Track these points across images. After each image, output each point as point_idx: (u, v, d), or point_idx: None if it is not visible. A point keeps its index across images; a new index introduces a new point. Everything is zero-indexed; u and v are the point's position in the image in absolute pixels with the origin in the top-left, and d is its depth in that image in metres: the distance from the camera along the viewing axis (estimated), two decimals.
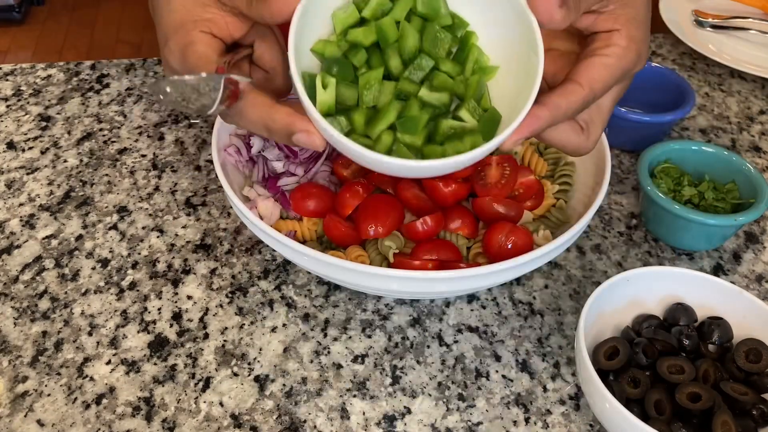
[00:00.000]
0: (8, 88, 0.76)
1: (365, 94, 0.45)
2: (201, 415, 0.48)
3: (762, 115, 0.80)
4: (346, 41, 0.45)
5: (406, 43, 0.46)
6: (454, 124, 0.45)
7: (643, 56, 0.44)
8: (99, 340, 0.53)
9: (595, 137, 0.46)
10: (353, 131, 0.45)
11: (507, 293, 0.58)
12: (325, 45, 0.46)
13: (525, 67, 0.44)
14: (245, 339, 0.53)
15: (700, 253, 0.62)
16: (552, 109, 0.42)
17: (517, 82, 0.45)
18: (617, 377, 0.48)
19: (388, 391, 0.50)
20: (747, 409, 0.46)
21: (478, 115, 0.45)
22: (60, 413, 0.48)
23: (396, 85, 0.45)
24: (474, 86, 0.46)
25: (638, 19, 0.44)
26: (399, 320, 0.55)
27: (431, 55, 0.46)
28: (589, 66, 0.43)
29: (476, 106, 0.45)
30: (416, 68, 0.46)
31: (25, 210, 0.63)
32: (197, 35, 0.43)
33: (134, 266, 0.58)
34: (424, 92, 0.45)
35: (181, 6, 0.44)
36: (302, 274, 0.58)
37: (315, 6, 0.43)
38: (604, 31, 0.44)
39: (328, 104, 0.44)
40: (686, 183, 0.62)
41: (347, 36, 0.45)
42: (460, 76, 0.47)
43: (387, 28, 0.45)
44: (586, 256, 0.61)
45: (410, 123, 0.44)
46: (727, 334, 0.50)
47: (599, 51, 0.43)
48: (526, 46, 0.44)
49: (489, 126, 0.45)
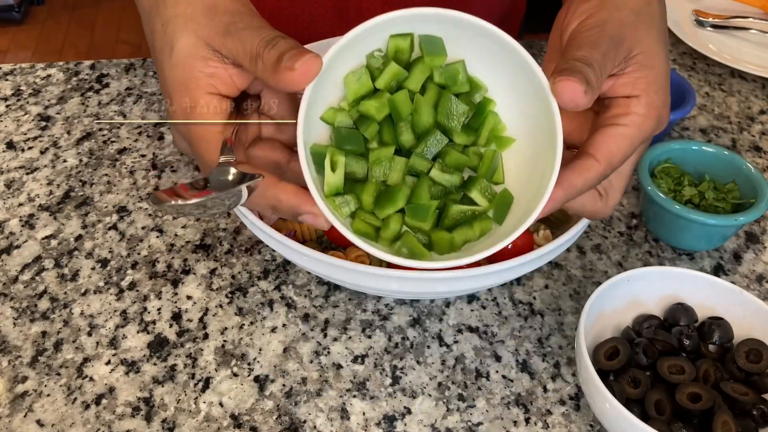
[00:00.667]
0: (8, 88, 0.76)
1: (375, 170, 0.44)
2: (201, 415, 0.48)
3: (762, 115, 0.80)
4: (358, 111, 0.44)
5: (420, 118, 0.44)
6: (464, 209, 0.44)
7: (663, 121, 0.43)
8: (98, 341, 0.53)
9: (614, 202, 0.45)
10: (361, 209, 0.44)
11: (507, 293, 0.58)
12: (336, 113, 0.44)
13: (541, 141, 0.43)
14: (245, 339, 0.53)
15: (701, 253, 0.62)
16: (567, 189, 0.41)
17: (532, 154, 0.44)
18: (617, 377, 0.48)
19: (388, 392, 0.50)
20: (747, 409, 0.46)
21: (490, 195, 0.44)
22: (60, 413, 0.48)
23: (407, 162, 0.44)
24: (488, 161, 0.45)
25: (658, 82, 0.42)
26: (399, 320, 0.55)
27: (445, 128, 0.45)
28: (606, 138, 0.41)
29: (488, 185, 0.44)
30: (429, 145, 0.44)
31: (24, 210, 0.63)
32: (201, 97, 0.42)
33: (134, 266, 0.58)
34: (435, 173, 0.44)
35: (183, 60, 0.42)
36: (302, 274, 0.58)
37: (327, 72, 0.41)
38: (623, 96, 0.42)
39: (337, 186, 0.43)
40: (686, 183, 0.62)
41: (359, 106, 0.44)
42: (473, 148, 0.45)
43: (400, 103, 0.43)
44: (586, 256, 0.61)
45: (420, 211, 0.43)
46: (728, 335, 0.50)
47: (617, 120, 0.41)
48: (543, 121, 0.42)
49: (501, 209, 0.44)
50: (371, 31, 0.42)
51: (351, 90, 0.44)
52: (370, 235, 0.44)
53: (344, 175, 0.43)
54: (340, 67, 0.44)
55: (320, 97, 0.44)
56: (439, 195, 0.45)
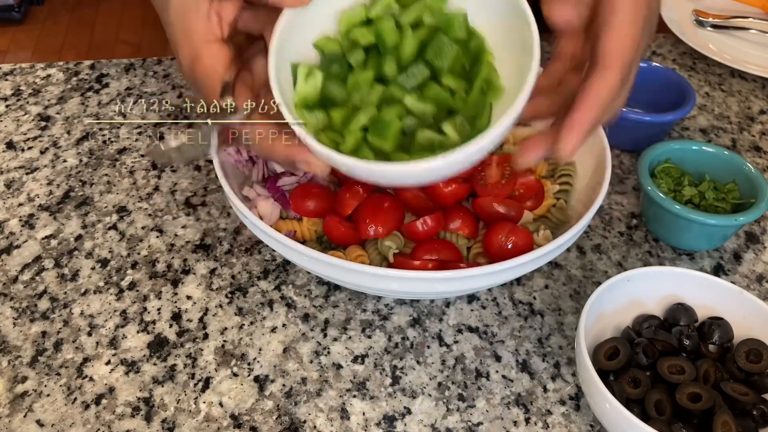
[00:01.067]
0: (8, 88, 0.76)
1: (354, 95, 0.44)
2: (201, 415, 0.48)
3: (762, 115, 0.80)
4: (348, 39, 0.45)
5: (404, 48, 0.45)
6: (433, 137, 0.43)
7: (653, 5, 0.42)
8: (98, 341, 0.53)
9: (631, 83, 0.44)
10: (330, 128, 0.44)
11: (507, 293, 0.58)
12: (327, 41, 0.45)
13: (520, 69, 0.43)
14: (245, 339, 0.53)
15: (701, 253, 0.62)
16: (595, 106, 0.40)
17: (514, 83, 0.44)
18: (617, 377, 0.48)
19: (388, 392, 0.50)
20: (747, 409, 0.46)
21: (465, 132, 0.43)
22: (59, 413, 0.48)
23: (386, 89, 0.44)
24: (471, 104, 0.44)
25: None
26: (399, 320, 0.55)
27: (433, 65, 0.45)
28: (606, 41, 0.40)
29: (465, 123, 0.43)
30: (410, 75, 0.44)
31: (24, 210, 0.63)
32: (202, 47, 0.43)
33: (134, 266, 0.58)
34: (409, 100, 0.44)
35: (178, 15, 0.43)
36: (302, 274, 0.58)
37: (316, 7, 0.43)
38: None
39: (305, 95, 0.43)
40: (686, 183, 0.62)
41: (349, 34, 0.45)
42: (461, 94, 0.45)
43: (386, 31, 0.44)
44: (586, 256, 0.61)
45: (382, 126, 0.43)
46: (728, 335, 0.50)
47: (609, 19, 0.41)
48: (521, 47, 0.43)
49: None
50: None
51: (344, 20, 0.45)
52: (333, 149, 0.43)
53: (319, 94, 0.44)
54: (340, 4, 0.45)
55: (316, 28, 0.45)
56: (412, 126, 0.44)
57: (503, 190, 0.55)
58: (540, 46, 0.42)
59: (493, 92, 0.45)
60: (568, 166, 0.61)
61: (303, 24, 0.44)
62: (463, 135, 0.43)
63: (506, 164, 0.56)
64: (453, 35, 0.45)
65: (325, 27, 0.46)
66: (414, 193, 0.55)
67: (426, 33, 0.45)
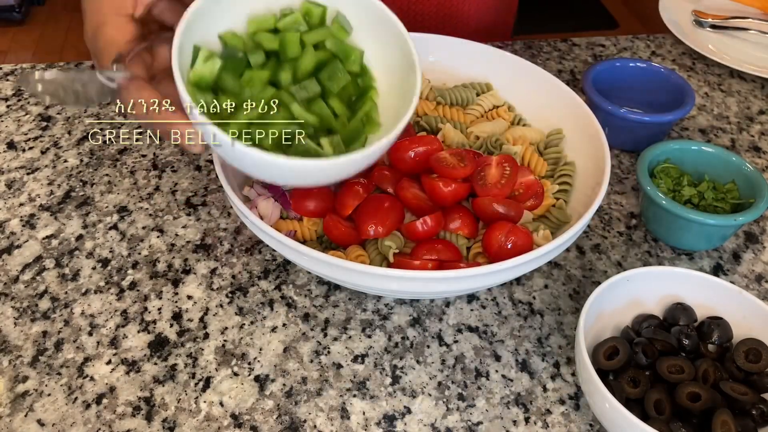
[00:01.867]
0: (8, 88, 0.76)
1: (245, 89, 0.46)
2: (201, 414, 0.48)
3: (761, 115, 0.80)
4: (253, 41, 0.48)
5: (303, 63, 0.48)
6: (310, 146, 0.46)
7: None
8: (99, 340, 0.53)
9: None
10: (215, 114, 0.45)
11: (507, 293, 0.58)
12: (233, 36, 0.47)
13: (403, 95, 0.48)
14: (245, 339, 0.53)
15: (700, 253, 0.62)
16: None
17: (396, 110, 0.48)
18: (617, 377, 0.48)
19: (388, 391, 0.50)
20: (747, 408, 0.46)
21: (339, 150, 0.46)
22: (60, 413, 0.48)
23: (276, 92, 0.47)
24: (350, 130, 0.48)
25: None
26: (399, 320, 0.55)
27: (324, 85, 0.48)
28: None
29: (340, 142, 0.47)
30: (302, 88, 0.47)
31: (25, 210, 0.63)
32: (109, 17, 0.44)
33: (134, 266, 0.58)
34: (296, 107, 0.46)
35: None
36: (302, 274, 0.58)
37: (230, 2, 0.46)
38: None
39: (201, 76, 0.45)
40: (686, 183, 0.62)
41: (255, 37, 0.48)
42: (344, 119, 0.48)
43: (290, 42, 0.47)
44: (586, 256, 0.61)
45: (266, 123, 0.45)
46: (727, 334, 0.50)
47: None
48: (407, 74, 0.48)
49: None
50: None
51: (253, 23, 0.48)
52: None
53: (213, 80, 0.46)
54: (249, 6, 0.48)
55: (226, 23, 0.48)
56: (292, 132, 0.46)
57: (503, 190, 0.55)
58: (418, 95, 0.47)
59: (370, 126, 0.49)
60: (568, 166, 0.61)
61: (214, 15, 0.46)
62: (338, 153, 0.46)
63: (506, 164, 0.56)
64: (347, 66, 0.49)
65: (235, 24, 0.48)
66: (414, 193, 0.55)
67: (325, 56, 0.49)
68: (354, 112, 0.49)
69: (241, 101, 0.46)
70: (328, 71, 0.48)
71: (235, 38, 0.48)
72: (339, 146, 0.47)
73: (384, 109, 0.50)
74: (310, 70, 0.48)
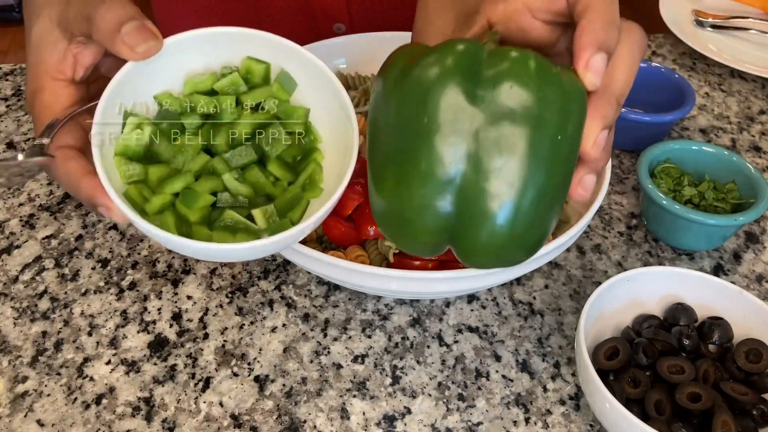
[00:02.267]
0: (8, 88, 0.76)
1: (178, 156, 0.45)
2: (201, 415, 0.48)
3: (762, 115, 0.80)
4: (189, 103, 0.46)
5: (239, 127, 0.46)
6: (238, 219, 0.44)
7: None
8: (99, 340, 0.53)
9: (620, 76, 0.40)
10: (144, 183, 0.44)
11: (507, 293, 0.58)
12: (169, 98, 0.46)
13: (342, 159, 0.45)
14: (245, 339, 0.53)
15: (700, 253, 0.62)
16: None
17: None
18: (617, 377, 0.48)
19: (388, 391, 0.50)
20: (747, 409, 0.46)
21: (273, 222, 0.44)
22: (60, 413, 0.48)
23: (209, 160, 0.45)
24: (290, 196, 0.46)
25: None
26: (399, 320, 0.55)
27: (264, 150, 0.46)
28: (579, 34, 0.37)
29: (274, 214, 0.44)
30: (237, 155, 0.45)
31: (25, 210, 0.63)
32: (47, 82, 0.43)
33: (134, 266, 0.58)
34: (227, 177, 0.45)
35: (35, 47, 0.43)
36: (302, 274, 0.58)
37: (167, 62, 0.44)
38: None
39: (127, 146, 0.43)
40: (686, 183, 0.62)
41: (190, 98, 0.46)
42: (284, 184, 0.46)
43: (225, 107, 0.46)
44: (586, 256, 0.61)
45: (192, 196, 0.43)
46: (727, 334, 0.50)
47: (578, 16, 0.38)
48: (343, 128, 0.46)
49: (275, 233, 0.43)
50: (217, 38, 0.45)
51: (189, 84, 0.46)
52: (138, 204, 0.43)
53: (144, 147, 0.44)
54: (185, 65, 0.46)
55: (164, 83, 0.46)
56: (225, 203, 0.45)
57: None
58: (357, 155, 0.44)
59: (312, 191, 0.47)
60: None
61: (150, 76, 0.45)
62: (270, 224, 0.44)
63: None
64: (290, 127, 0.47)
65: (173, 84, 0.47)
66: None
67: (264, 118, 0.47)
68: (297, 175, 0.47)
69: (173, 169, 0.44)
70: (267, 135, 0.46)
71: (171, 99, 0.46)
72: (272, 217, 0.44)
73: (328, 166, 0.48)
74: (247, 134, 0.46)
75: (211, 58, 0.47)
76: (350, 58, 0.69)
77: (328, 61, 0.69)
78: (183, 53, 0.45)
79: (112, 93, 0.42)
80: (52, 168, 0.42)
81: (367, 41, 0.68)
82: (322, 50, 0.66)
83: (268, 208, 0.44)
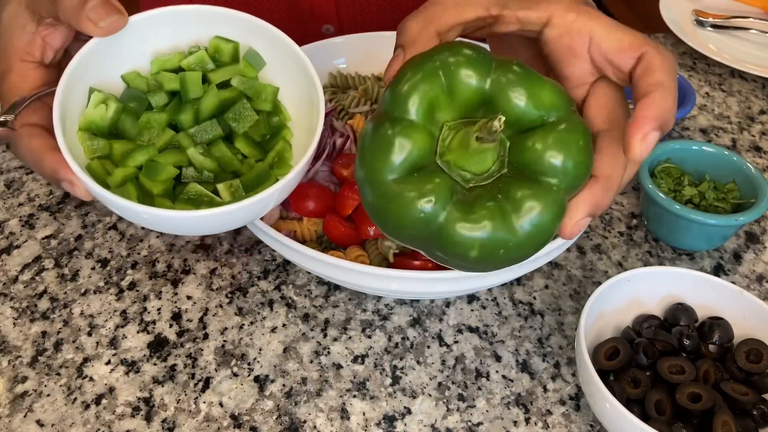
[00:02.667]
0: None
1: (144, 133, 0.45)
2: (201, 415, 0.48)
3: (762, 115, 0.80)
4: (156, 81, 0.46)
5: (204, 103, 0.46)
6: (202, 192, 0.44)
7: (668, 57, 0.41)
8: (98, 341, 0.53)
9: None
10: (108, 158, 0.44)
11: (507, 293, 0.58)
12: (136, 77, 0.46)
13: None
14: (245, 339, 0.53)
15: (701, 253, 0.62)
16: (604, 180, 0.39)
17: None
18: (617, 377, 0.48)
19: (388, 392, 0.50)
20: (747, 409, 0.46)
21: (237, 195, 0.44)
22: (60, 413, 0.48)
23: (174, 135, 0.45)
24: (257, 172, 0.46)
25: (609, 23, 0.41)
26: (399, 320, 0.55)
27: (230, 126, 0.46)
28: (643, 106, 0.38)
29: (239, 188, 0.44)
30: (202, 130, 0.46)
31: (24, 210, 0.63)
32: (15, 64, 0.43)
33: (134, 266, 0.58)
34: (192, 151, 0.45)
35: (4, 30, 0.44)
36: (302, 274, 0.58)
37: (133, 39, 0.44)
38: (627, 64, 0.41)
39: (91, 121, 0.44)
40: (687, 183, 0.62)
41: (156, 76, 0.47)
42: (251, 161, 0.47)
43: (191, 82, 0.46)
44: (586, 256, 0.61)
45: (155, 168, 0.43)
46: (728, 335, 0.50)
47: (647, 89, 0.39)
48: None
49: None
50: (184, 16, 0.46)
51: (156, 63, 0.47)
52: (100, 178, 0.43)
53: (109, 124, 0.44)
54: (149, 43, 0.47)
55: (131, 62, 0.46)
56: (189, 177, 0.45)
57: None
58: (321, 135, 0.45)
59: (282, 168, 0.47)
60: None
61: (116, 54, 0.45)
62: (236, 199, 0.44)
63: None
64: (258, 105, 0.48)
65: (140, 63, 0.47)
66: None
67: (231, 95, 0.47)
68: (266, 153, 0.47)
69: (138, 145, 0.45)
70: (233, 111, 0.47)
71: (137, 78, 0.46)
72: (238, 191, 0.44)
73: (298, 144, 0.48)
74: (212, 110, 0.46)
75: (180, 37, 0.47)
76: (350, 58, 0.69)
77: (328, 62, 0.69)
78: (149, 30, 0.45)
79: (75, 68, 0.42)
80: (18, 145, 0.43)
81: (367, 41, 0.68)
82: (321, 51, 0.66)
83: (233, 182, 0.45)
